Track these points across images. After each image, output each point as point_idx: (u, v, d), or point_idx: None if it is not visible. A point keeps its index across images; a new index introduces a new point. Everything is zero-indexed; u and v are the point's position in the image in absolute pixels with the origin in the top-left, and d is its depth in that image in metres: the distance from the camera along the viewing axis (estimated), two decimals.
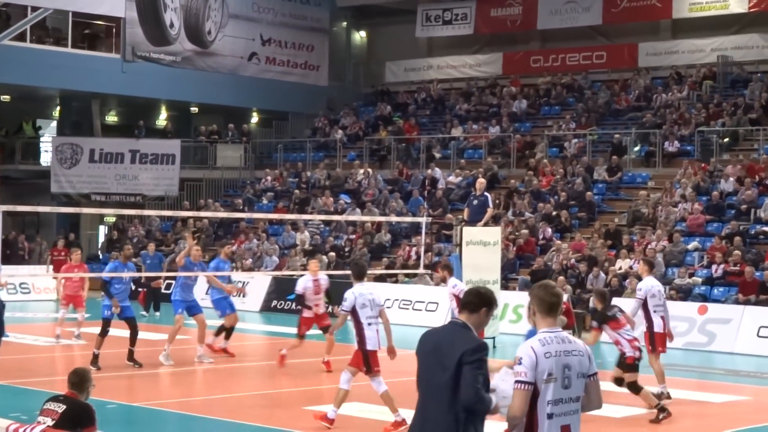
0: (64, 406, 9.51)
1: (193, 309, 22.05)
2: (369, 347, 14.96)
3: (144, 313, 32.34)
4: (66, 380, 9.90)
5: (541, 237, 34.11)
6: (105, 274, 21.05)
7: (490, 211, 25.95)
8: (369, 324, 14.90)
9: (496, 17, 46.94)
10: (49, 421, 9.41)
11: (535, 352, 7.32)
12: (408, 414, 13.07)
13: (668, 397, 17.94)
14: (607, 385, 14.82)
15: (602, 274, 30.21)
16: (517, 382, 7.28)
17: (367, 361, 14.96)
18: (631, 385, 16.48)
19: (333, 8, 49.68)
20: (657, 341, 17.96)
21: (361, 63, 52.29)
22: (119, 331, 23.61)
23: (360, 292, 14.96)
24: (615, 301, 27.95)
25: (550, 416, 7.29)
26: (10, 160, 44.51)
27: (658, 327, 17.95)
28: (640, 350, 16.65)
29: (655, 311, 17.92)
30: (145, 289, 33.38)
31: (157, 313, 32.33)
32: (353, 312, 14.92)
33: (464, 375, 7.48)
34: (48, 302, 36.16)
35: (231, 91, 46.00)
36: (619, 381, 16.66)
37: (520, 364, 7.30)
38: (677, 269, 29.98)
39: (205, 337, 22.01)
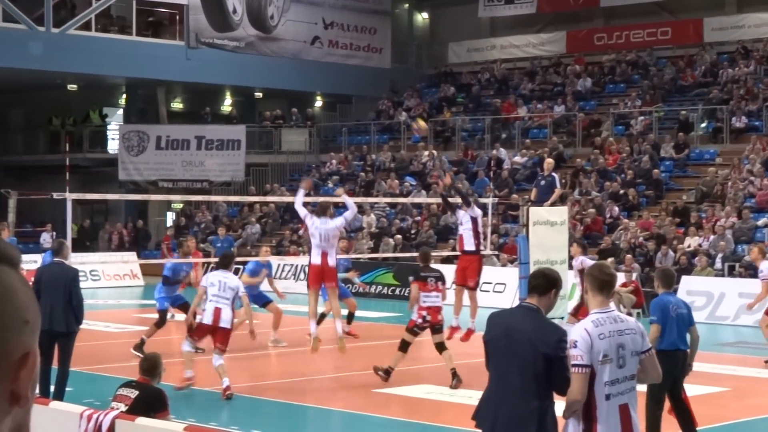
0: (137, 392, 9.62)
1: (260, 299, 22.24)
2: (202, 320, 16.52)
3: None
4: (137, 366, 10.00)
5: (608, 216, 33.92)
6: (181, 260, 21.25)
7: (557, 191, 25.78)
8: (209, 300, 16.27)
9: None
10: (123, 407, 9.52)
11: (589, 333, 7.32)
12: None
13: None
14: None
15: (671, 252, 29.99)
16: (574, 365, 7.28)
17: (191, 328, 16.93)
18: (402, 343, 17.08)
19: None
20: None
21: (423, 44, 52.18)
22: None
23: (215, 274, 16.69)
24: (684, 279, 27.88)
25: (607, 397, 7.30)
26: (78, 149, 44.98)
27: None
28: (424, 318, 16.84)
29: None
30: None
31: None
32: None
33: (556, 369, 7.47)
34: (119, 289, 36.51)
35: (294, 75, 46.12)
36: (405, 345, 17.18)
37: (575, 347, 7.29)
38: (747, 246, 29.66)
39: (279, 324, 22.07)
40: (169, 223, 46.75)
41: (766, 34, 41.75)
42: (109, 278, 37.39)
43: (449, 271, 22.26)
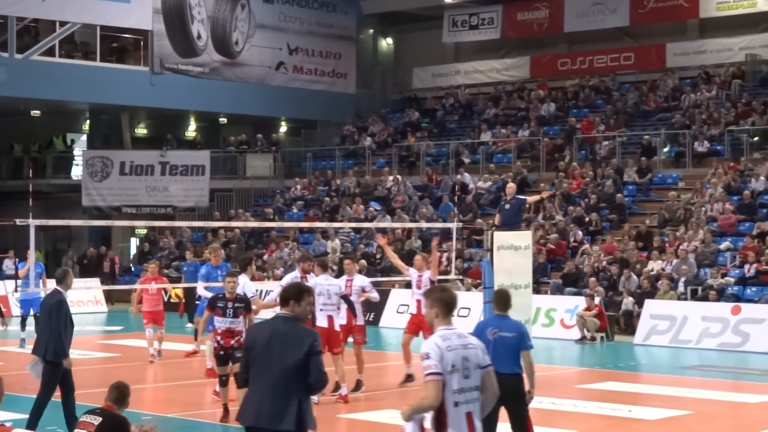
0: (100, 419, 9.58)
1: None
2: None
3: (189, 325, 32.24)
4: (105, 393, 9.97)
5: (572, 240, 34.04)
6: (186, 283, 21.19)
7: (531, 199, 26.45)
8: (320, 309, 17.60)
9: (523, 21, 46.92)
10: None
11: (438, 346, 7.96)
12: None
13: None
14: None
15: (634, 276, 30.13)
16: (430, 374, 7.88)
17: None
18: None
19: (359, 16, 49.79)
20: (324, 339, 16.52)
21: (388, 70, 52.33)
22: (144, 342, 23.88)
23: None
24: (647, 302, 28.02)
25: (456, 404, 7.91)
26: (41, 175, 44.71)
27: (323, 325, 17.62)
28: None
29: (321, 309, 17.68)
30: (183, 300, 33.37)
31: (189, 325, 32.15)
32: None
33: (314, 363, 8.76)
34: (87, 315, 36.25)
35: (259, 100, 46.12)
36: None
37: (428, 358, 7.91)
38: (709, 269, 29.82)
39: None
40: (133, 249, 46.61)
41: (728, 59, 42.15)
42: (72, 304, 37.02)
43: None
